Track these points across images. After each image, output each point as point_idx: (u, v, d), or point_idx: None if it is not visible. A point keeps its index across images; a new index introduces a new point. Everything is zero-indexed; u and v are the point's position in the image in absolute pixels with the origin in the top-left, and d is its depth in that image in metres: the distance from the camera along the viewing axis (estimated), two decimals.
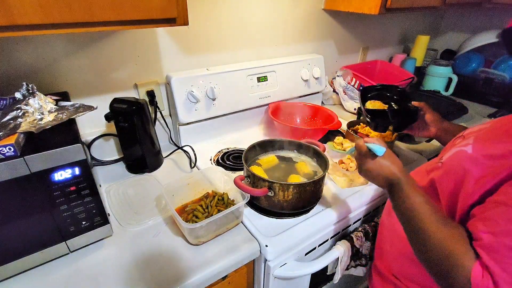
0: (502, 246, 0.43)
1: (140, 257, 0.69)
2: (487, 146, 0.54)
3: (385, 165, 0.62)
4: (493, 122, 0.61)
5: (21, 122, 0.59)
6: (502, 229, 0.44)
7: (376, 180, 0.64)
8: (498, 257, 0.43)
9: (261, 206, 0.81)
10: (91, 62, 0.92)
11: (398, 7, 1.17)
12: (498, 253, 0.43)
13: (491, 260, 0.43)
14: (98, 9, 0.57)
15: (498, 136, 0.54)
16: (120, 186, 0.91)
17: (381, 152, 0.63)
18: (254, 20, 1.20)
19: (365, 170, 0.65)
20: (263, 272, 0.77)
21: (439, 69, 1.68)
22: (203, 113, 1.09)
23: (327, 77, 1.49)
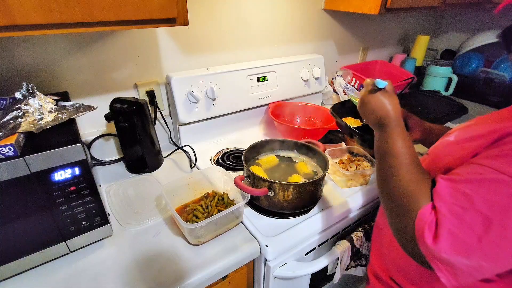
0: (456, 191, 0.45)
1: (140, 257, 0.69)
2: (468, 132, 0.56)
3: (382, 102, 0.62)
4: (478, 117, 0.63)
5: (21, 122, 0.59)
6: (462, 178, 0.46)
7: (369, 115, 0.64)
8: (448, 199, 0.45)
9: (261, 206, 0.81)
10: (91, 62, 0.92)
11: (398, 7, 1.17)
12: (449, 196, 0.45)
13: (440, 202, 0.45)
14: (98, 9, 0.57)
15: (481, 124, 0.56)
16: (120, 186, 0.91)
17: (383, 84, 0.63)
18: (254, 20, 1.20)
19: (362, 102, 0.65)
20: (263, 272, 0.77)
21: (439, 69, 1.68)
22: (203, 113, 1.09)
23: (327, 77, 1.50)
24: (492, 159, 0.44)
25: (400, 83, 1.55)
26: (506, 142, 0.44)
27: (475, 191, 0.43)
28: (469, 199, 0.43)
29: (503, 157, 0.43)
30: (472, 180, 0.44)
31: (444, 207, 0.45)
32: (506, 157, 0.43)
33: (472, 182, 0.44)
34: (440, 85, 1.70)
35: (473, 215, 0.42)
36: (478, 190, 0.43)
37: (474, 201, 0.43)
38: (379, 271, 0.74)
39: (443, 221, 0.44)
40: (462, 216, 0.43)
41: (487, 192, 0.42)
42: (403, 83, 1.56)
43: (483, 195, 0.43)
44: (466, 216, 0.43)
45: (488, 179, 0.43)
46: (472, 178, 0.45)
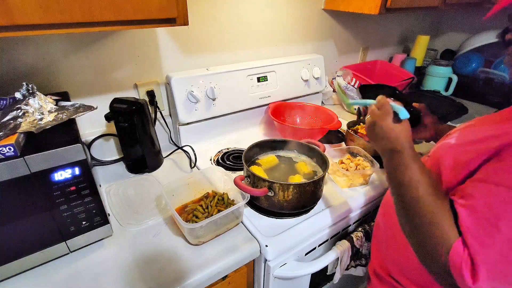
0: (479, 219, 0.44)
1: (140, 257, 0.69)
2: (469, 134, 0.55)
3: (398, 130, 0.59)
4: (479, 118, 0.63)
5: (21, 122, 0.59)
6: (480, 204, 0.45)
7: (381, 142, 0.61)
8: (474, 230, 0.44)
9: (261, 206, 0.81)
10: (91, 62, 0.92)
11: (398, 7, 1.17)
12: (474, 227, 0.44)
13: (469, 236, 0.44)
14: (98, 9, 0.57)
15: (482, 126, 0.55)
16: (120, 186, 0.91)
17: (405, 116, 0.60)
18: (254, 20, 1.20)
19: (379, 127, 0.61)
20: (263, 272, 0.77)
21: (439, 69, 1.68)
22: (203, 113, 1.09)
23: (327, 77, 1.50)
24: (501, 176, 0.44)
25: (400, 83, 1.55)
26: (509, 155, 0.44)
27: (497, 217, 0.43)
28: (496, 227, 0.43)
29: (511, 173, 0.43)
30: (490, 204, 0.44)
31: (474, 242, 0.44)
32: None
33: (492, 207, 0.44)
34: (440, 85, 1.70)
35: (503, 243, 0.42)
36: (501, 214, 0.43)
37: (500, 228, 0.42)
38: (379, 269, 0.74)
39: (478, 257, 0.43)
40: (493, 247, 0.42)
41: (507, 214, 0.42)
42: (403, 83, 1.56)
43: (507, 219, 0.42)
44: (497, 247, 0.42)
45: (505, 200, 0.43)
46: (490, 202, 0.44)
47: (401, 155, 0.57)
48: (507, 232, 0.42)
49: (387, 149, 0.60)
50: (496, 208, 0.43)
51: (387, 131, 0.60)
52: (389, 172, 0.59)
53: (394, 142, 0.59)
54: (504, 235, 0.42)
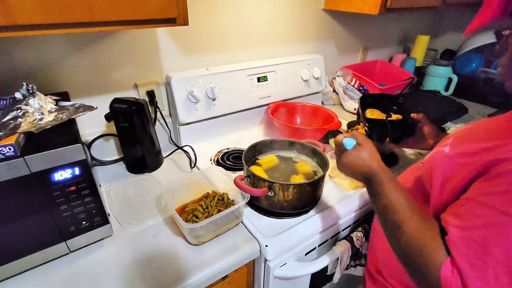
0: (470, 241, 0.44)
1: (140, 257, 0.69)
2: (463, 145, 0.55)
3: (359, 157, 0.60)
4: (475, 123, 0.62)
5: (21, 122, 0.59)
6: (470, 225, 0.44)
7: (353, 174, 0.63)
8: (465, 252, 0.43)
9: (261, 206, 0.81)
10: (91, 62, 0.92)
11: (398, 7, 1.17)
12: (465, 249, 0.44)
13: (459, 257, 0.44)
14: (98, 9, 0.57)
15: (475, 135, 0.55)
16: (120, 186, 0.91)
17: (350, 146, 0.62)
18: (254, 20, 1.20)
19: (341, 164, 0.64)
20: (263, 272, 0.77)
21: (439, 69, 1.68)
22: (203, 113, 1.09)
23: (327, 77, 1.50)
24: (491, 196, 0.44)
25: (400, 83, 1.55)
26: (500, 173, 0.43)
27: (488, 239, 0.42)
28: (486, 250, 0.42)
29: (502, 195, 0.42)
30: (481, 226, 0.43)
31: (464, 263, 0.43)
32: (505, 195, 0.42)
33: (483, 229, 0.43)
34: (440, 85, 1.70)
35: (495, 266, 0.41)
36: (492, 237, 0.42)
37: (491, 251, 0.42)
38: (373, 271, 0.74)
39: (468, 280, 0.42)
40: (484, 270, 0.42)
41: (500, 238, 0.42)
42: (403, 83, 1.56)
43: (498, 242, 0.42)
44: (488, 270, 0.42)
45: (496, 223, 0.42)
46: (481, 223, 0.43)
47: (374, 179, 0.58)
48: (498, 256, 0.41)
49: (360, 178, 0.61)
50: (486, 231, 0.43)
51: (348, 164, 0.62)
52: (370, 197, 0.60)
53: (364, 169, 0.59)
54: (495, 258, 0.41)
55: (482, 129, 0.56)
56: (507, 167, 0.43)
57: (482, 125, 0.58)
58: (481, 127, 0.57)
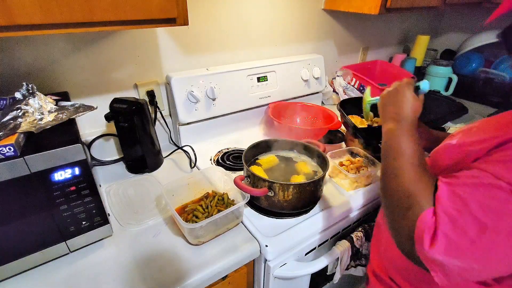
0: (454, 194, 0.45)
1: (140, 257, 0.69)
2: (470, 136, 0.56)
3: (412, 102, 0.62)
4: (482, 120, 0.63)
5: (21, 122, 0.59)
6: (459, 181, 0.46)
7: (390, 108, 0.64)
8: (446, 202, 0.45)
9: (261, 206, 0.81)
10: (91, 62, 0.92)
11: (398, 7, 1.17)
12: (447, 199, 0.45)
13: (439, 205, 0.45)
14: (98, 9, 0.57)
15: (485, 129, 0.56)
16: (120, 186, 0.91)
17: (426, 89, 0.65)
18: (254, 20, 1.20)
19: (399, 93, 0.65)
20: (263, 272, 0.77)
21: (439, 69, 1.68)
22: (203, 113, 1.09)
23: (327, 77, 1.50)
24: (491, 164, 0.45)
25: None
26: (507, 147, 0.45)
27: (471, 194, 0.44)
28: (465, 203, 0.44)
29: (503, 163, 0.43)
30: (468, 183, 0.45)
31: (441, 209, 0.45)
32: (505, 163, 0.43)
33: (469, 186, 0.45)
34: (440, 85, 1.70)
35: (468, 218, 0.43)
36: (474, 194, 0.43)
37: (470, 205, 0.43)
38: (378, 270, 0.74)
39: (440, 224, 0.44)
40: (457, 219, 0.43)
41: (483, 197, 0.43)
42: None
43: (479, 199, 0.43)
44: (460, 220, 0.43)
45: (485, 183, 0.43)
46: (469, 182, 0.45)
47: (400, 124, 0.60)
48: (475, 212, 0.42)
49: (391, 116, 0.63)
50: (473, 189, 0.44)
51: (403, 99, 0.63)
52: (384, 140, 0.61)
53: (401, 111, 0.61)
54: (471, 214, 0.43)
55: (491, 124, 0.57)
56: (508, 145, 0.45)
57: (491, 121, 0.59)
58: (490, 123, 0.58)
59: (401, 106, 0.62)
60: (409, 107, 0.62)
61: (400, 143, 0.57)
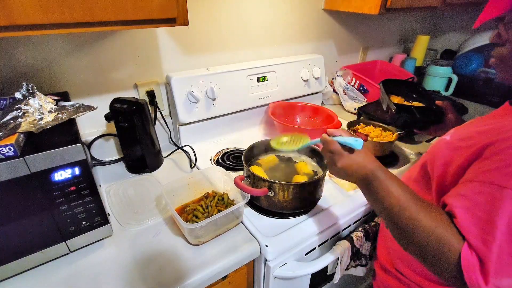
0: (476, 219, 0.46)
1: (140, 257, 0.69)
2: (461, 131, 0.58)
3: (361, 161, 0.58)
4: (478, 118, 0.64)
5: (21, 122, 0.59)
6: (473, 203, 0.47)
7: (349, 177, 0.60)
8: (475, 231, 0.45)
9: (261, 206, 0.81)
10: (91, 62, 0.92)
11: (398, 7, 1.17)
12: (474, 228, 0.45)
13: (472, 237, 0.45)
14: (98, 9, 0.57)
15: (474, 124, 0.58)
16: (120, 186, 0.91)
17: (361, 145, 0.58)
18: (254, 20, 1.20)
19: (340, 169, 0.60)
20: (263, 272, 0.77)
21: (439, 69, 1.68)
22: (203, 113, 1.09)
23: (327, 77, 1.50)
24: (488, 173, 0.46)
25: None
26: (495, 152, 0.46)
27: (492, 213, 0.44)
28: (493, 224, 0.44)
29: (498, 170, 0.45)
30: (483, 202, 0.45)
31: (477, 242, 0.45)
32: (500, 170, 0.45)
33: (485, 205, 0.45)
34: (440, 85, 1.70)
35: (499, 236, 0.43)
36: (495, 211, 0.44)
37: (497, 224, 0.43)
38: (385, 263, 0.75)
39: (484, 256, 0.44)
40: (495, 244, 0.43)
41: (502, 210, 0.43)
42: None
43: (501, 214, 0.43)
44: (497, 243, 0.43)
45: (496, 197, 0.44)
46: (483, 200, 0.46)
47: (376, 180, 0.56)
48: (502, 227, 0.43)
49: (359, 180, 0.59)
50: (489, 206, 0.45)
51: (348, 168, 0.59)
52: (371, 200, 0.58)
53: (362, 172, 0.57)
54: (501, 230, 0.43)
55: (480, 119, 0.60)
56: (499, 147, 0.46)
57: (482, 117, 0.61)
58: (480, 119, 0.61)
59: (359, 170, 0.58)
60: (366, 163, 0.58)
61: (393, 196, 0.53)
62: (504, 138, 0.46)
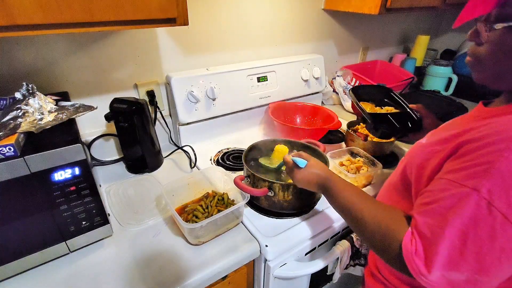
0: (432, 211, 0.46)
1: (140, 257, 0.69)
2: (438, 134, 0.58)
3: (312, 172, 0.67)
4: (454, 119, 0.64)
5: (21, 122, 0.59)
6: (433, 199, 0.47)
7: (309, 187, 0.69)
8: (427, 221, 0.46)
9: (261, 206, 0.81)
10: (91, 62, 0.92)
11: (398, 7, 1.17)
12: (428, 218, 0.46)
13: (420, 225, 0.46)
14: (98, 9, 0.57)
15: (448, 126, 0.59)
16: (120, 186, 0.91)
17: (303, 164, 0.68)
18: (254, 20, 1.20)
19: (297, 181, 0.70)
20: (263, 272, 0.77)
21: (439, 69, 1.68)
22: (203, 113, 1.09)
23: (327, 77, 1.50)
24: (455, 172, 0.46)
25: (400, 83, 1.56)
26: (465, 152, 0.46)
27: (450, 210, 0.44)
28: (444, 217, 0.44)
29: (464, 170, 0.45)
30: (443, 198, 0.46)
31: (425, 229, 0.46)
32: (466, 170, 0.44)
33: (445, 200, 0.45)
34: (440, 85, 1.70)
35: (451, 231, 0.43)
36: (453, 209, 0.44)
37: (448, 217, 0.44)
38: (374, 269, 0.75)
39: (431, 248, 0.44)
40: (442, 234, 0.44)
41: (457, 207, 0.43)
42: (403, 83, 1.56)
43: (455, 210, 0.43)
44: (445, 234, 0.43)
45: (455, 193, 0.44)
46: (443, 196, 0.46)
47: (329, 186, 0.64)
48: (456, 224, 0.43)
49: (317, 187, 0.67)
50: (448, 202, 0.45)
51: (303, 179, 0.69)
52: (330, 202, 0.66)
53: (317, 180, 0.67)
54: (453, 226, 0.43)
55: (455, 121, 0.60)
56: (469, 147, 0.46)
57: (456, 119, 0.62)
58: (455, 120, 0.61)
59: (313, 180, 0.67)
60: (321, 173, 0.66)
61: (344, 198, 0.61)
62: (475, 138, 0.46)
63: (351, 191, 0.61)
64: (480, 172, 0.42)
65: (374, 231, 0.53)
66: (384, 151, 1.06)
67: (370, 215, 0.55)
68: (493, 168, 0.41)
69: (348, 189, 0.62)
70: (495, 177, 0.41)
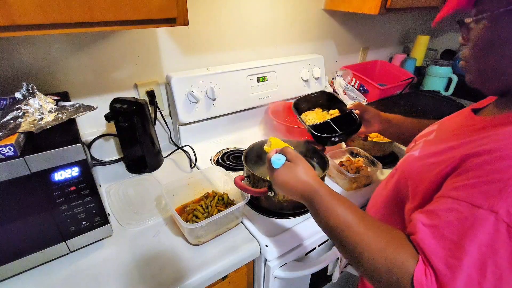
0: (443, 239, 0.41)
1: (140, 257, 0.69)
2: (431, 146, 0.54)
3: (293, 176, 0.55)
4: (440, 122, 0.62)
5: (21, 122, 0.59)
6: (442, 221, 0.42)
7: (291, 194, 0.57)
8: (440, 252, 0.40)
9: (261, 206, 0.81)
10: (91, 62, 0.92)
11: (398, 7, 1.17)
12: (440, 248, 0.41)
13: (434, 258, 0.40)
14: (98, 9, 0.57)
15: (442, 137, 0.55)
16: (120, 186, 0.91)
17: (278, 165, 0.56)
18: (254, 20, 1.20)
19: (276, 185, 0.59)
20: (263, 272, 0.77)
21: (439, 69, 1.68)
22: (203, 113, 1.09)
23: (327, 77, 1.49)
24: (461, 190, 0.42)
25: (400, 83, 1.56)
26: (470, 167, 0.42)
27: (462, 235, 0.40)
28: (458, 246, 0.39)
29: (473, 188, 0.41)
30: (453, 221, 0.41)
31: (439, 263, 0.40)
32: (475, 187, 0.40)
33: (455, 224, 0.40)
34: (440, 85, 1.70)
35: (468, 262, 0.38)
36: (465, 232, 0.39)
37: (464, 246, 0.39)
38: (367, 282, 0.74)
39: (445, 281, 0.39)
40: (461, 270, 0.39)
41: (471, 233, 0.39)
42: (403, 83, 1.56)
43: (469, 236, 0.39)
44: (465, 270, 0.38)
45: (468, 216, 0.40)
46: (453, 218, 0.41)
47: (315, 198, 0.53)
48: (473, 253, 0.38)
49: (300, 198, 0.56)
50: (459, 226, 0.40)
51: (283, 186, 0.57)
52: (316, 219, 0.54)
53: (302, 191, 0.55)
54: (471, 256, 0.38)
55: (447, 131, 0.56)
56: (474, 161, 0.42)
57: (446, 127, 0.58)
58: (446, 129, 0.57)
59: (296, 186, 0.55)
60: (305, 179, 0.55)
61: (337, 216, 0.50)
62: (480, 151, 0.42)
63: (346, 209, 0.50)
64: (494, 191, 0.38)
65: (378, 262, 0.44)
66: (384, 151, 1.06)
67: (371, 241, 0.45)
68: (509, 187, 0.37)
69: (341, 206, 0.50)
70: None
